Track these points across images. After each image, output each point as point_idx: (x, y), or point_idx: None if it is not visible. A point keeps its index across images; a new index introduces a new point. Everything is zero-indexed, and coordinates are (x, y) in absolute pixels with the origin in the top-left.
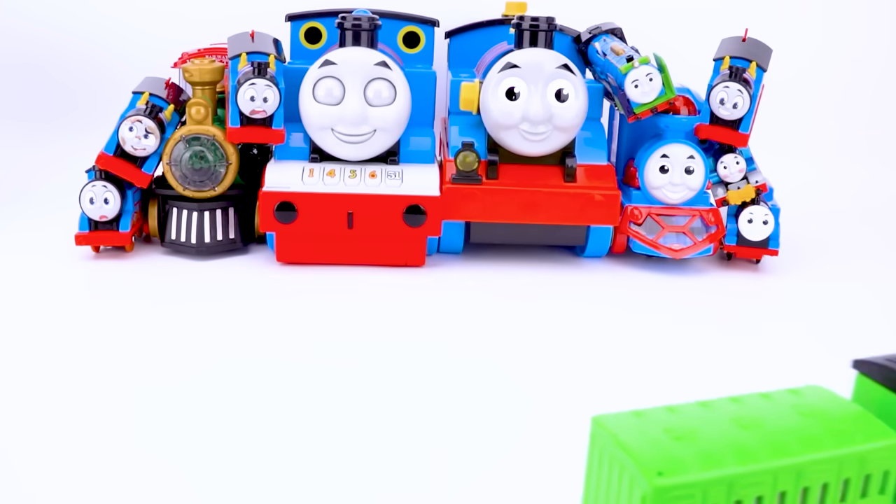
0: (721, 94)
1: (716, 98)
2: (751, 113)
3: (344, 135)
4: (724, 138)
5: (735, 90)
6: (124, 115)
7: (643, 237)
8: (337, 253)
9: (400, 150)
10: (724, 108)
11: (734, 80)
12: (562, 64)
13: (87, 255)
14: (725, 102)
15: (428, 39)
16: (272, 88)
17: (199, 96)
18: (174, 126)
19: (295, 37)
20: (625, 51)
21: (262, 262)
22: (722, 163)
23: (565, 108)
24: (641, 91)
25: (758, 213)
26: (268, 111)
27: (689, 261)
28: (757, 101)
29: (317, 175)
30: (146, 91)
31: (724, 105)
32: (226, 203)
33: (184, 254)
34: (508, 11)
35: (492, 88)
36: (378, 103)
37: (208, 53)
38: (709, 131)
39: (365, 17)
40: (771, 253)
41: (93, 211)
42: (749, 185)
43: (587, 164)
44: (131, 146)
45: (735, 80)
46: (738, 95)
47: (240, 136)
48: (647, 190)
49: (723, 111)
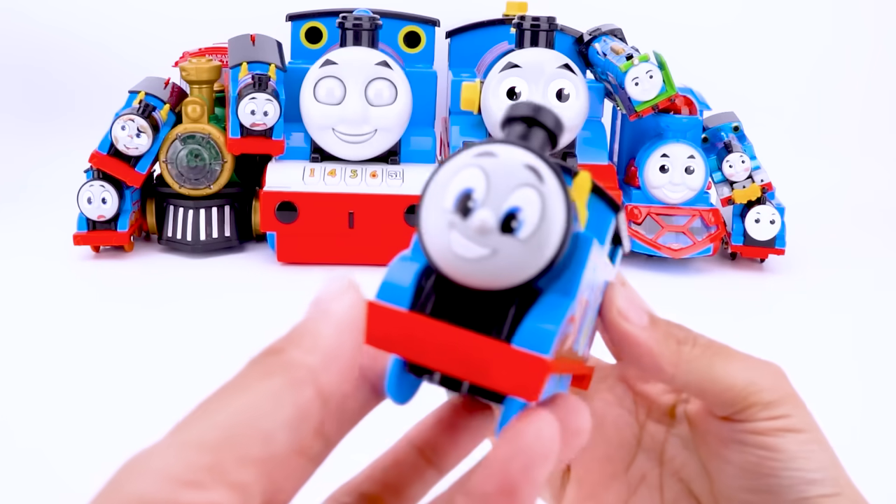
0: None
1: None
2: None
3: (345, 134)
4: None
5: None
6: (118, 115)
7: (643, 237)
8: (338, 252)
9: (401, 150)
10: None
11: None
12: (563, 64)
13: (87, 255)
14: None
15: (428, 39)
16: (272, 102)
17: (196, 95)
18: (170, 125)
19: (295, 36)
20: (625, 50)
21: (261, 260)
22: (727, 162)
23: (566, 108)
24: (642, 88)
25: (765, 213)
26: (268, 124)
27: (693, 260)
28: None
29: (318, 175)
30: (142, 90)
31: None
32: (222, 201)
33: (180, 251)
34: (509, 11)
35: (493, 88)
36: (379, 103)
37: (209, 53)
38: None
39: (366, 17)
40: (777, 252)
41: (91, 211)
42: (754, 184)
43: (588, 163)
44: (124, 145)
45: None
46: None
47: (240, 147)
48: (648, 189)
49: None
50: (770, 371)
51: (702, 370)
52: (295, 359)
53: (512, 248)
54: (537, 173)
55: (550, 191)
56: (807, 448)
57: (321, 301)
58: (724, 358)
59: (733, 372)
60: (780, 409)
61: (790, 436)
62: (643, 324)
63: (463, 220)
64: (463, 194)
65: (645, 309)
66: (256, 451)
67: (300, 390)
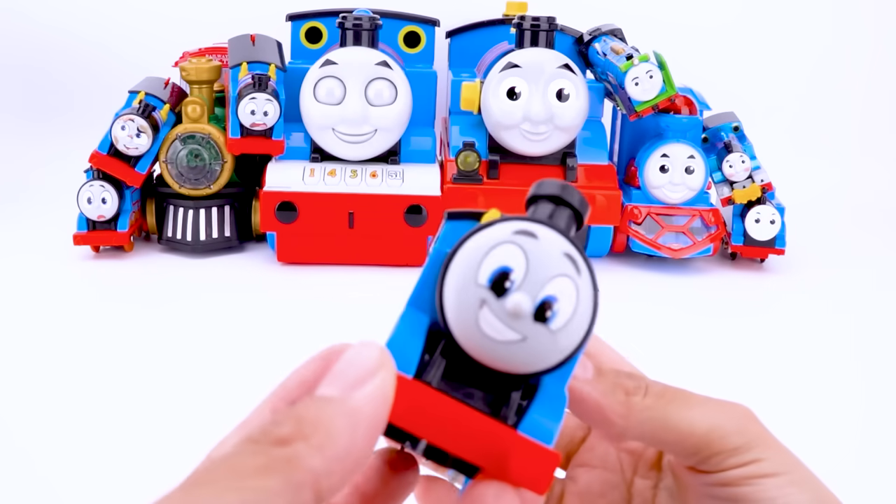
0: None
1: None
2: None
3: (345, 134)
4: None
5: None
6: (118, 115)
7: (643, 236)
8: (338, 252)
9: (401, 150)
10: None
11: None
12: (563, 64)
13: (87, 255)
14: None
15: (428, 39)
16: (272, 102)
17: (196, 95)
18: (170, 125)
19: (296, 36)
20: (624, 50)
21: (261, 260)
22: (727, 162)
23: (566, 108)
24: (642, 88)
25: (765, 213)
26: (268, 124)
27: (693, 260)
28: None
29: (318, 175)
30: (142, 90)
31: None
32: (222, 201)
33: (180, 251)
34: (509, 12)
35: (493, 88)
36: (379, 103)
37: (209, 53)
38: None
39: (366, 17)
40: (777, 252)
41: (90, 210)
42: (754, 184)
43: (588, 163)
44: (124, 145)
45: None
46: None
47: (240, 147)
48: (647, 189)
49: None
50: (735, 413)
51: (655, 420)
52: (301, 458)
53: (541, 337)
54: (575, 264)
55: (585, 284)
56: (785, 493)
57: (346, 378)
58: (681, 404)
59: (692, 418)
60: (750, 454)
61: (764, 482)
62: (587, 377)
63: (497, 299)
64: (500, 272)
65: (592, 362)
66: None
67: (298, 493)
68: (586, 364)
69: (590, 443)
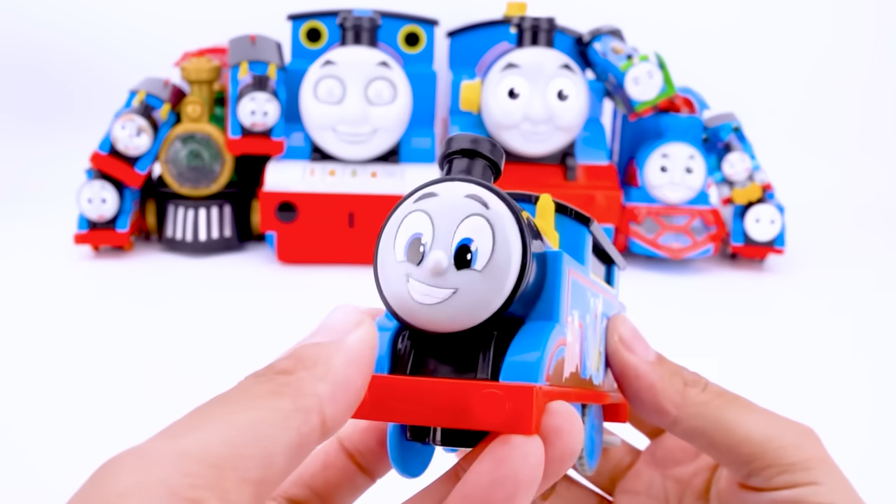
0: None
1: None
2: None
3: (345, 134)
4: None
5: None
6: (118, 115)
7: (643, 236)
8: (337, 252)
9: (401, 150)
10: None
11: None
12: (563, 64)
13: (87, 255)
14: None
15: (428, 39)
16: (273, 102)
17: (196, 95)
18: (170, 125)
19: (296, 36)
20: (625, 50)
21: (261, 260)
22: (727, 162)
23: (566, 108)
24: (642, 88)
25: (765, 213)
26: (268, 124)
27: (693, 260)
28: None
29: (318, 175)
30: (142, 90)
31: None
32: (222, 201)
33: (180, 251)
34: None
35: (492, 88)
36: (379, 103)
37: (209, 53)
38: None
39: (366, 17)
40: (777, 252)
41: (90, 210)
42: (755, 184)
43: (588, 163)
44: (124, 145)
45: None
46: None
47: (240, 147)
48: (647, 189)
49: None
50: (797, 429)
51: (709, 417)
52: (305, 384)
53: (473, 282)
54: (481, 201)
55: (499, 214)
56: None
57: (334, 329)
58: (739, 407)
59: (749, 423)
60: (806, 475)
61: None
62: (648, 359)
63: (417, 266)
64: (411, 241)
65: (654, 349)
66: (257, 472)
67: (307, 417)
68: (649, 348)
69: (636, 469)
